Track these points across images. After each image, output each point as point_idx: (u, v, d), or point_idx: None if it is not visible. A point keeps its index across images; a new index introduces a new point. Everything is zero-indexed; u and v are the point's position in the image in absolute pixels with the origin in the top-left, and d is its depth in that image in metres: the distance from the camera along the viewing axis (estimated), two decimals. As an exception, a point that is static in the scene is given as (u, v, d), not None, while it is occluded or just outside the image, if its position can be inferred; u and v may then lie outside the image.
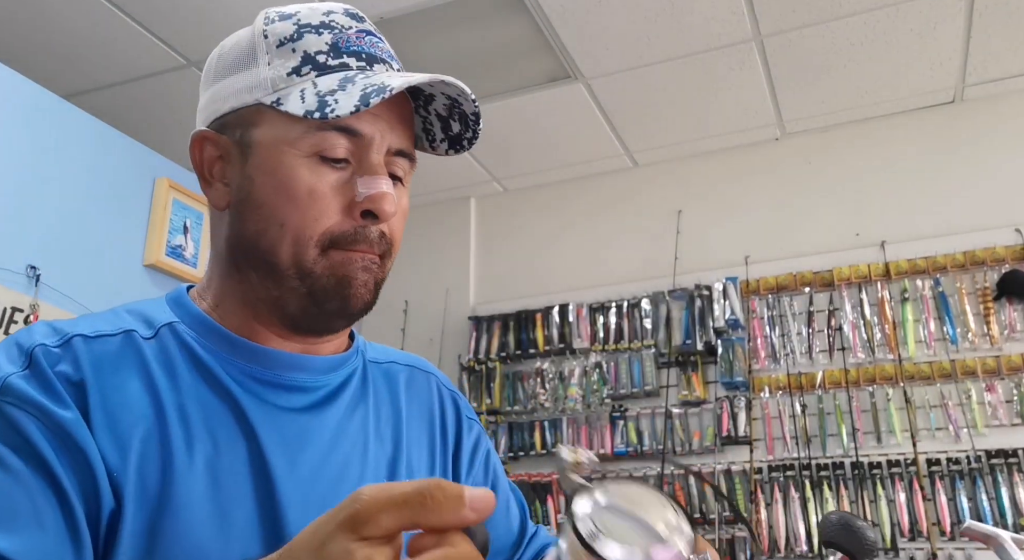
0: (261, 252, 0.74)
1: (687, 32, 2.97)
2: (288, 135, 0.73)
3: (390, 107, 0.76)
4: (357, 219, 0.73)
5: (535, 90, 3.31)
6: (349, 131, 0.73)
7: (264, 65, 0.75)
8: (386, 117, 0.75)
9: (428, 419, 0.89)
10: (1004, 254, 3.12)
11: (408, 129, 0.79)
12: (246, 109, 0.75)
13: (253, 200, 0.74)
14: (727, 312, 3.38)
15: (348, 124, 0.73)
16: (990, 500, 2.86)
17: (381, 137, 0.75)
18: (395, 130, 0.76)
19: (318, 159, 0.73)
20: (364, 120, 0.73)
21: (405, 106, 0.78)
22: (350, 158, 0.74)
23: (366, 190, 0.73)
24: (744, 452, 3.21)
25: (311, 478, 0.72)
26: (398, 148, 0.76)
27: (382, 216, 0.73)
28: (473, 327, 3.84)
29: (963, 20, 2.94)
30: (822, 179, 3.54)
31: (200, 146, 0.78)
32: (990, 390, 3.00)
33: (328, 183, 0.73)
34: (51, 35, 2.96)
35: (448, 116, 0.80)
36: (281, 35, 0.76)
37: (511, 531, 0.94)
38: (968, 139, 3.35)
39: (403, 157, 0.77)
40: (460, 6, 2.81)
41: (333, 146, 0.73)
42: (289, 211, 0.72)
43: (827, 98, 3.40)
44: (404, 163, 0.78)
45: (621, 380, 3.48)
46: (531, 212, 4.04)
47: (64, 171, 2.79)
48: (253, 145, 0.75)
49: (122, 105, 3.33)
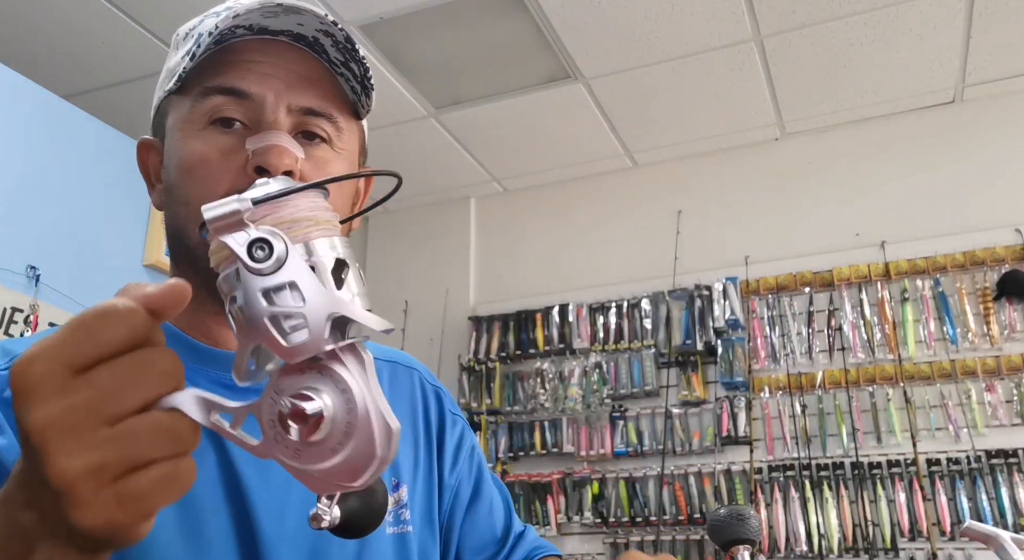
0: (180, 239, 0.72)
1: (687, 32, 2.97)
2: (183, 113, 0.72)
3: (283, 64, 0.72)
4: (252, 177, 0.68)
5: (535, 90, 3.31)
6: (234, 92, 0.70)
7: (171, 59, 0.75)
8: (280, 74, 0.72)
9: (411, 415, 0.87)
10: (1004, 254, 3.12)
11: (317, 87, 0.74)
12: (161, 104, 0.76)
13: (168, 188, 0.73)
14: (727, 312, 3.38)
15: (232, 85, 0.70)
16: (990, 500, 2.86)
17: (276, 96, 0.71)
18: (296, 88, 0.72)
19: (211, 128, 0.71)
20: (250, 80, 0.71)
21: (309, 64, 0.74)
22: (246, 122, 0.71)
23: (252, 145, 0.69)
24: (744, 452, 3.21)
25: (285, 484, 0.70)
26: (304, 106, 0.73)
27: (272, 169, 0.68)
28: (473, 327, 3.84)
29: (963, 20, 2.94)
30: (822, 179, 3.53)
31: (143, 153, 0.79)
32: (990, 390, 3.00)
33: (219, 148, 0.70)
34: (51, 35, 2.96)
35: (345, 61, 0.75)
36: (188, 27, 0.75)
37: (493, 529, 0.92)
38: (968, 139, 3.35)
39: (319, 116, 0.74)
40: (460, 6, 2.81)
41: (219, 108, 0.70)
42: (188, 185, 0.70)
43: (827, 98, 3.40)
44: (323, 122, 0.74)
45: (621, 380, 3.48)
46: (531, 212, 4.04)
47: (64, 171, 2.79)
48: (166, 135, 0.75)
49: (122, 105, 3.33)
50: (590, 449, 3.44)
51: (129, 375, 0.40)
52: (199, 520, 0.67)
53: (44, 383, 0.39)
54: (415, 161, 3.80)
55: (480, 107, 3.42)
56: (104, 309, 0.41)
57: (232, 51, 0.72)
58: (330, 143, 0.75)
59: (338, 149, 0.75)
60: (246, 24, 0.70)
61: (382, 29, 2.93)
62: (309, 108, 0.73)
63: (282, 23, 0.71)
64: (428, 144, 3.68)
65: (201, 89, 0.71)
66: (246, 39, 0.72)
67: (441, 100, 3.37)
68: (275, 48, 0.72)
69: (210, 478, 0.69)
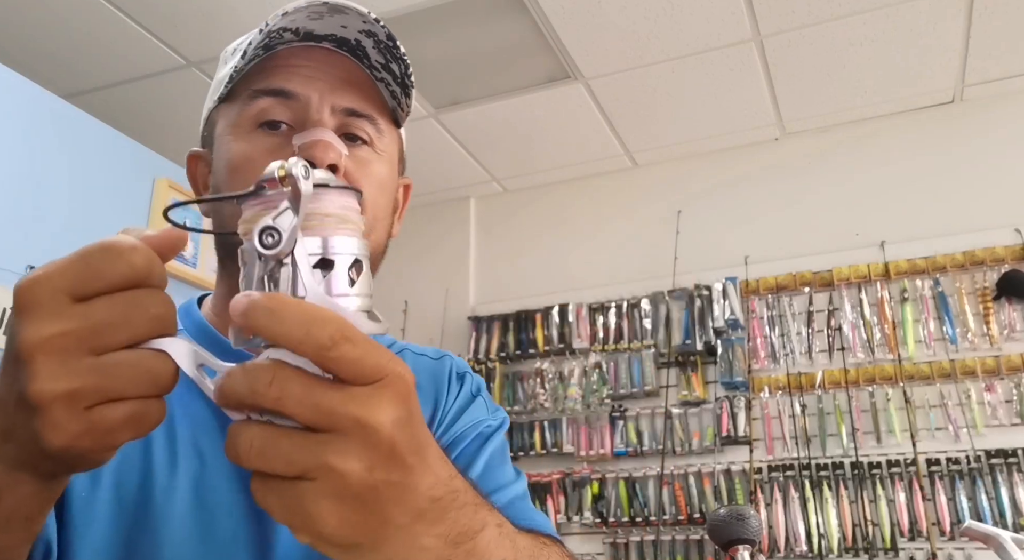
0: (226, 238, 0.74)
1: (687, 32, 2.97)
2: (231, 119, 0.75)
3: (326, 68, 0.75)
4: None
5: (535, 90, 3.31)
6: (281, 93, 0.73)
7: (220, 73, 0.78)
8: (323, 77, 0.74)
9: (433, 396, 0.87)
10: (1004, 254, 3.12)
11: (359, 90, 0.76)
12: (210, 115, 0.78)
13: (215, 191, 0.76)
14: (727, 312, 3.38)
15: (278, 86, 0.73)
16: (990, 500, 2.86)
17: (320, 96, 0.74)
18: (339, 90, 0.75)
19: (258, 131, 0.73)
20: (295, 82, 0.74)
21: (350, 67, 0.76)
22: (292, 123, 0.73)
23: (298, 140, 0.71)
24: (744, 452, 3.21)
25: None
26: (348, 107, 0.75)
27: (317, 162, 0.70)
28: (473, 327, 3.85)
29: (963, 20, 2.94)
30: (822, 179, 3.54)
31: (192, 165, 0.82)
32: (990, 390, 3.00)
33: (263, 147, 0.72)
34: (51, 35, 2.96)
35: (386, 62, 0.77)
36: (236, 43, 0.77)
37: None
38: (968, 139, 3.35)
39: (361, 117, 0.76)
40: (460, 6, 2.81)
41: (265, 110, 0.73)
42: (234, 185, 0.72)
43: (827, 98, 3.40)
44: (364, 124, 0.76)
45: (621, 380, 3.49)
46: (531, 212, 4.04)
47: (64, 171, 2.79)
48: (214, 142, 0.77)
49: (122, 105, 3.33)
50: (590, 449, 3.44)
51: (122, 312, 0.42)
52: (215, 521, 0.67)
53: (43, 305, 0.41)
54: (415, 161, 3.79)
55: (480, 107, 3.42)
56: (109, 244, 0.42)
57: (278, 57, 0.75)
58: (371, 145, 0.77)
59: (379, 151, 0.78)
60: (293, 27, 0.73)
61: (382, 29, 2.93)
62: (351, 109, 0.75)
63: (327, 26, 0.74)
64: (428, 144, 3.68)
65: (248, 93, 0.74)
66: (292, 46, 0.75)
67: (441, 100, 3.37)
68: (318, 54, 0.75)
69: (227, 481, 0.69)
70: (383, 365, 0.41)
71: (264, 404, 0.40)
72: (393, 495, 0.42)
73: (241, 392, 0.40)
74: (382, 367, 0.41)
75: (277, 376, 0.40)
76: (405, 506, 0.43)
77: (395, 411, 0.42)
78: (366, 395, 0.41)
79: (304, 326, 0.39)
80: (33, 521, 0.46)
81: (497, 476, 0.84)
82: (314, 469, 0.40)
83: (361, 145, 0.76)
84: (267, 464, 0.40)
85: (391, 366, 0.42)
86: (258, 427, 0.41)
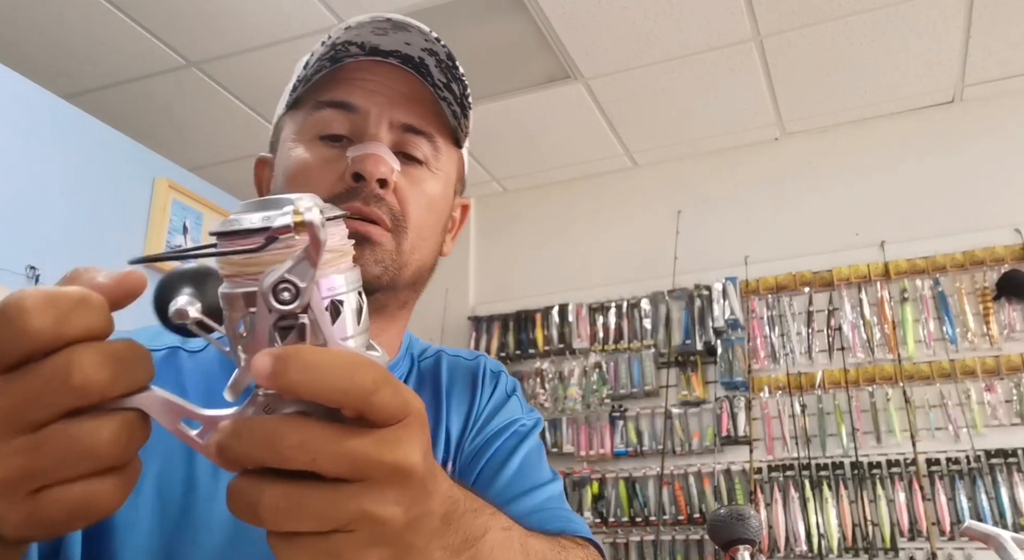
0: None
1: (687, 32, 2.97)
2: (295, 127, 0.77)
3: (390, 83, 0.76)
4: (350, 184, 0.72)
5: (535, 90, 3.31)
6: (342, 105, 0.75)
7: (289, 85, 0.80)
8: (385, 93, 0.76)
9: (468, 395, 0.87)
10: (1003, 254, 3.12)
11: (421, 107, 0.77)
12: (278, 122, 0.81)
13: None
14: (727, 312, 3.38)
15: (341, 98, 0.75)
16: (989, 500, 2.86)
17: (380, 111, 0.75)
18: (400, 106, 0.76)
19: (318, 141, 0.75)
20: (357, 94, 0.75)
21: (414, 84, 0.77)
22: (351, 137, 0.75)
23: (353, 153, 0.73)
24: (744, 452, 3.21)
25: None
26: (407, 123, 0.76)
27: (368, 176, 0.72)
28: (473, 327, 3.85)
29: (963, 20, 2.94)
30: (822, 179, 3.54)
31: (259, 169, 0.84)
32: (989, 390, 3.00)
33: (321, 157, 0.74)
34: (51, 35, 2.96)
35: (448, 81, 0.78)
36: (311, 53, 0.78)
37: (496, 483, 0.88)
38: (967, 139, 3.35)
39: (417, 134, 0.77)
40: (460, 6, 2.81)
41: (328, 122, 0.75)
42: (289, 191, 0.72)
43: (827, 98, 3.40)
44: (420, 142, 0.77)
45: (621, 380, 3.49)
46: (531, 212, 4.04)
47: (64, 171, 2.79)
48: (279, 149, 0.79)
49: (122, 105, 3.33)
50: (590, 449, 3.44)
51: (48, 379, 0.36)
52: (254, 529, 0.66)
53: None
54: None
55: (480, 107, 3.42)
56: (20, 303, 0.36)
57: (343, 70, 0.76)
58: (427, 164, 0.78)
59: (434, 170, 0.79)
60: (358, 41, 0.74)
61: (382, 29, 2.93)
62: (410, 125, 0.76)
63: (391, 42, 0.75)
64: (428, 144, 3.68)
65: (313, 103, 0.76)
66: (358, 60, 0.76)
67: (441, 100, 3.37)
68: (383, 69, 0.77)
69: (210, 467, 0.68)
70: (409, 401, 0.40)
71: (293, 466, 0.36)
72: (419, 525, 0.41)
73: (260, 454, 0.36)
74: (408, 404, 0.40)
75: (306, 436, 0.36)
76: (425, 531, 0.42)
77: (422, 447, 0.40)
78: (395, 437, 0.39)
79: (347, 376, 0.36)
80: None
81: (533, 476, 0.83)
82: (352, 521, 0.38)
83: (416, 164, 0.77)
84: (298, 524, 0.37)
85: (413, 401, 0.40)
86: (280, 487, 0.37)
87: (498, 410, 0.87)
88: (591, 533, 0.79)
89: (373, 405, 0.37)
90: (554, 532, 0.70)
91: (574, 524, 0.78)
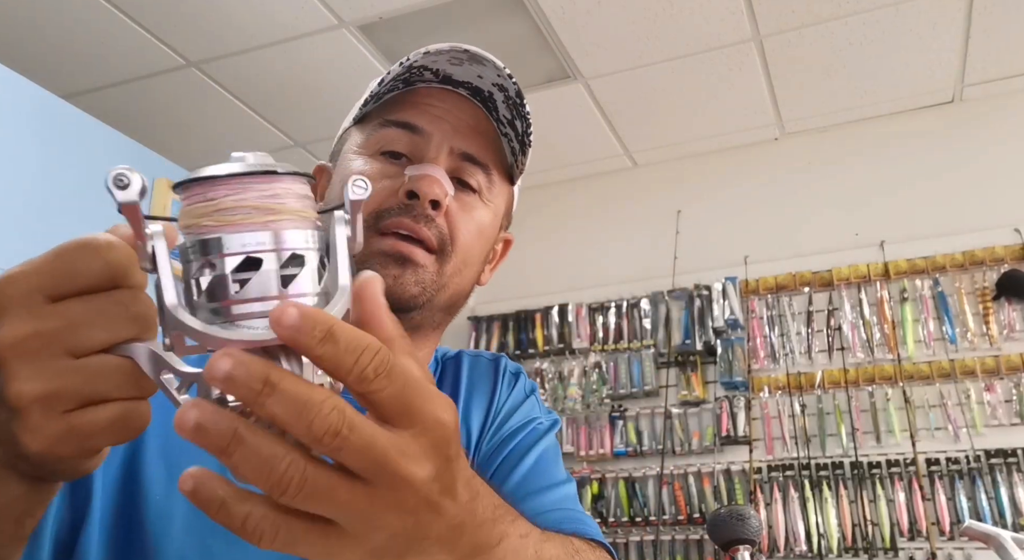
0: None
1: (687, 32, 2.97)
2: (360, 140, 0.80)
3: (456, 112, 0.79)
4: (402, 200, 0.75)
5: (534, 90, 3.31)
6: (407, 126, 0.77)
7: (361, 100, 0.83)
8: (450, 120, 0.79)
9: (488, 393, 0.89)
10: (1003, 254, 3.12)
11: (482, 139, 0.81)
12: (343, 134, 0.84)
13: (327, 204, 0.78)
14: (726, 312, 3.38)
15: (407, 120, 0.78)
16: (989, 500, 2.86)
17: (442, 136, 0.78)
18: (462, 135, 0.79)
19: (379, 155, 0.78)
20: (423, 119, 0.78)
21: (479, 116, 0.80)
22: (410, 156, 0.77)
23: (411, 172, 0.76)
24: (743, 452, 3.21)
25: None
26: (466, 151, 0.79)
27: (422, 195, 0.74)
28: (472, 327, 3.84)
29: (963, 20, 2.94)
30: (822, 179, 3.54)
31: (319, 177, 0.85)
32: (989, 390, 3.00)
33: (380, 170, 0.77)
34: (51, 35, 2.96)
35: (512, 118, 0.81)
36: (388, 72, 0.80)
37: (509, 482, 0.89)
38: (967, 139, 3.36)
39: (474, 164, 0.79)
40: (460, 6, 2.81)
41: (391, 140, 0.78)
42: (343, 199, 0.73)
43: (827, 98, 3.40)
44: (475, 171, 0.80)
45: (620, 380, 3.49)
46: (531, 212, 4.03)
47: (64, 171, 2.79)
48: (339, 159, 0.82)
49: (122, 105, 3.33)
50: (589, 449, 3.44)
51: (99, 313, 0.40)
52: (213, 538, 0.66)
53: (17, 304, 0.40)
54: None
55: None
56: (86, 241, 0.41)
57: (414, 93, 0.79)
58: (480, 194, 0.81)
59: (486, 200, 0.82)
60: (433, 68, 0.77)
61: (382, 29, 2.93)
62: (469, 154, 0.79)
63: (465, 73, 0.78)
64: (428, 144, 3.68)
65: (380, 121, 0.79)
66: (430, 86, 0.79)
67: (441, 100, 3.37)
68: (452, 97, 0.80)
69: None
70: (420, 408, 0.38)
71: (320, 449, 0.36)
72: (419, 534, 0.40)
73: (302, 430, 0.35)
74: (418, 409, 0.38)
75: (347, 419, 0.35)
76: (426, 541, 0.41)
77: (432, 464, 0.39)
78: (403, 444, 0.38)
79: (354, 353, 0.36)
80: (22, 524, 0.45)
81: (548, 475, 0.84)
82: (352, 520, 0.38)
83: (470, 192, 0.80)
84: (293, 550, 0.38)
85: (428, 409, 0.39)
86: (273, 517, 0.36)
87: (516, 409, 0.89)
88: (603, 536, 0.80)
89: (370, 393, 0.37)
90: (567, 533, 0.71)
91: (587, 526, 0.78)
